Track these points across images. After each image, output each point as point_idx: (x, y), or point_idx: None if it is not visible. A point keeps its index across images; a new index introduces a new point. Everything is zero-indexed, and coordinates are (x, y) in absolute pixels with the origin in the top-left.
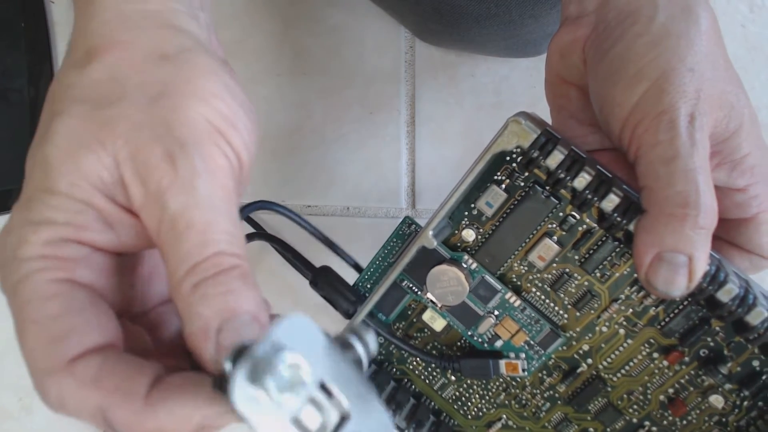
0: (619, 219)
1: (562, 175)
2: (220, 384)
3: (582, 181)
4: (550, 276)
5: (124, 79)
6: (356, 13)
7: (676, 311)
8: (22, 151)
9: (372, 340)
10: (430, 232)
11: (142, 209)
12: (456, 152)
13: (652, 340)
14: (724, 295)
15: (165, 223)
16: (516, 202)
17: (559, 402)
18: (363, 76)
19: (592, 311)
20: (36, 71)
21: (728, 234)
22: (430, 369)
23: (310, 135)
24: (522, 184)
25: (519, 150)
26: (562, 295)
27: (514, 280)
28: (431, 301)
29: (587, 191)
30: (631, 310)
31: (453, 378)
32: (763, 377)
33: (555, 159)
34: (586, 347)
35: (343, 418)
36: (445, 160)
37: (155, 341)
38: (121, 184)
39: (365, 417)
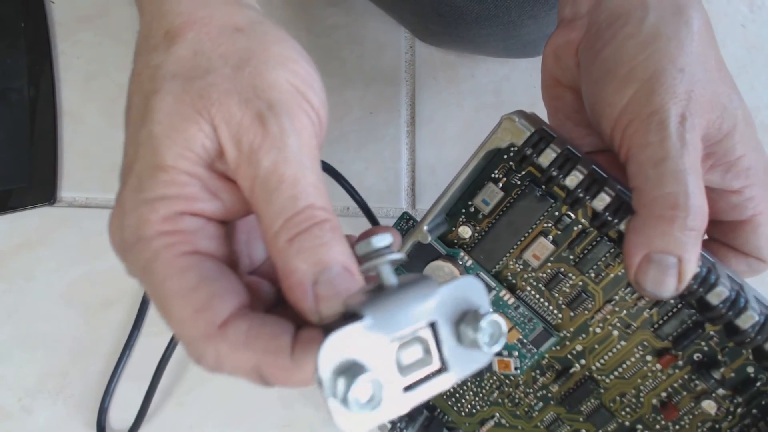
0: (610, 218)
1: (555, 173)
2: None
3: (574, 179)
4: (544, 275)
5: (207, 53)
6: (356, 13)
7: (670, 314)
8: (22, 151)
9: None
10: (425, 228)
11: (237, 171)
12: (456, 152)
13: (645, 343)
14: (714, 297)
15: (258, 180)
16: (512, 200)
17: (551, 402)
18: (363, 76)
19: (586, 311)
20: (36, 71)
21: (725, 236)
22: None
23: None
24: (518, 182)
25: (513, 147)
26: (556, 295)
27: (509, 278)
28: None
29: (579, 189)
30: (625, 311)
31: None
32: (758, 384)
33: (547, 157)
34: (579, 347)
35: None
36: (446, 160)
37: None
38: (219, 150)
39: None
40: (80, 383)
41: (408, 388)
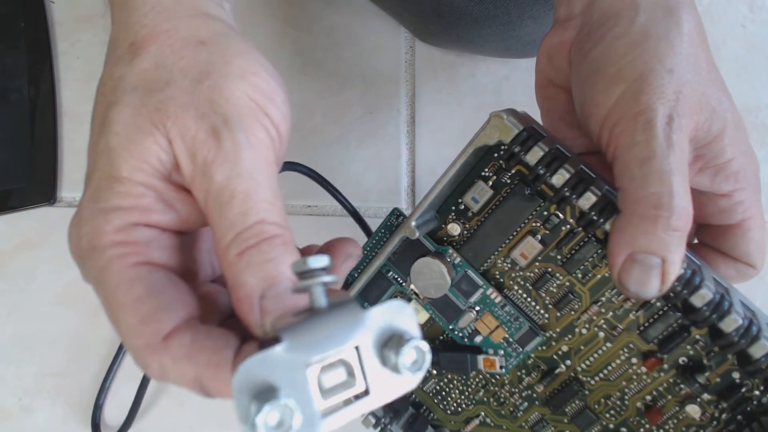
0: (595, 218)
1: (542, 171)
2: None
3: (560, 177)
4: (532, 274)
5: (169, 66)
6: (356, 13)
7: (656, 317)
8: (22, 151)
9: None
10: (413, 223)
11: (192, 183)
12: (456, 152)
13: (631, 345)
14: (698, 299)
15: (211, 194)
16: (501, 199)
17: (536, 402)
18: (363, 76)
19: (573, 312)
20: (36, 71)
21: (714, 241)
22: None
23: (310, 135)
24: (508, 181)
25: (502, 145)
26: (543, 294)
27: (497, 276)
28: (414, 292)
29: (565, 188)
30: (611, 313)
31: (434, 371)
32: (743, 390)
33: (535, 155)
34: (565, 348)
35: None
36: (445, 160)
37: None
38: (176, 163)
39: None
40: (79, 383)
41: (328, 413)
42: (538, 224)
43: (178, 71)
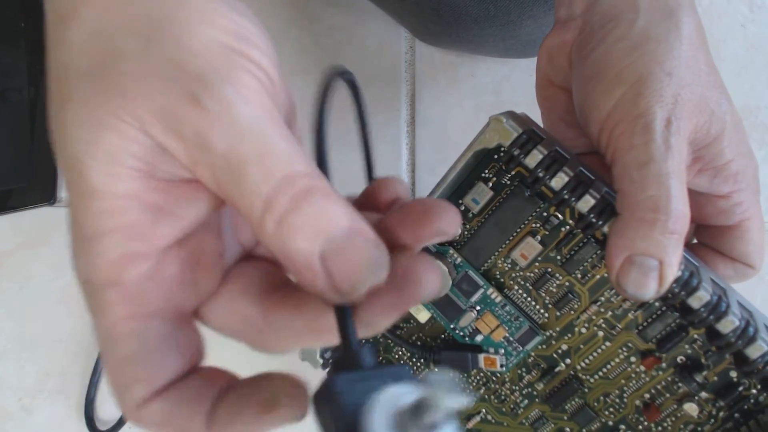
0: (594, 220)
1: (541, 174)
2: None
3: (559, 181)
4: (532, 274)
5: (108, 29)
6: (356, 13)
7: (655, 316)
8: (22, 151)
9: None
10: None
11: (192, 166)
12: (456, 152)
13: (630, 344)
14: (695, 301)
15: (219, 169)
16: (501, 200)
17: (536, 400)
18: (363, 76)
19: (572, 312)
20: (36, 71)
21: (713, 241)
22: (414, 359)
23: (310, 135)
24: (508, 182)
25: (502, 148)
26: (543, 294)
27: (498, 276)
28: None
29: (564, 191)
30: (610, 312)
31: (435, 369)
32: (740, 388)
33: (534, 158)
34: (564, 347)
35: None
36: (445, 161)
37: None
38: (158, 150)
39: None
40: (80, 383)
41: None
42: (538, 225)
43: (121, 34)
